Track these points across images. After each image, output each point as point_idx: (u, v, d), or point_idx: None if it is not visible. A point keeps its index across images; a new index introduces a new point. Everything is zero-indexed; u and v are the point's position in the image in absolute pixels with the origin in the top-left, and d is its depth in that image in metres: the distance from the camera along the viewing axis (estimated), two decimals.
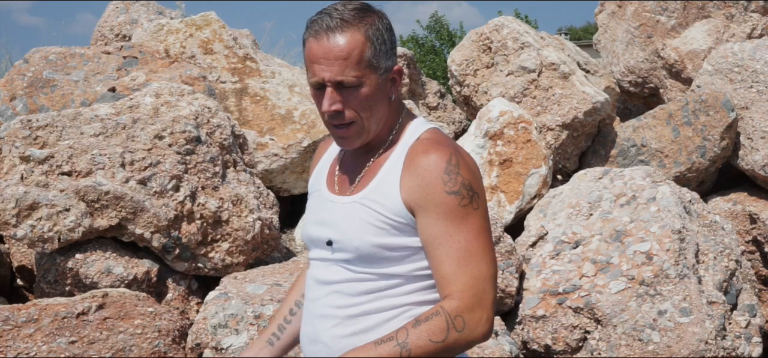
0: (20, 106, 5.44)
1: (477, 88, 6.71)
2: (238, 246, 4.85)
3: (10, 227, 4.50)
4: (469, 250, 2.23)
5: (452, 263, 2.22)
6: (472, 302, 2.21)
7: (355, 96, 2.30)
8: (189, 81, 5.58)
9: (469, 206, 2.25)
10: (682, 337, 4.71)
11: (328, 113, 2.31)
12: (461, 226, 2.24)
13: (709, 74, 6.39)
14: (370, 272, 2.32)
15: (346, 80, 2.28)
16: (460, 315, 2.19)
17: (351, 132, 2.34)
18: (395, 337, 2.20)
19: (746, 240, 6.11)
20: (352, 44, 2.28)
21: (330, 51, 2.27)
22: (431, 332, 2.19)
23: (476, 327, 2.21)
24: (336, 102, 2.30)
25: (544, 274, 5.08)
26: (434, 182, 2.25)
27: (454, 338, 2.19)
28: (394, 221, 2.29)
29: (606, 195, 5.37)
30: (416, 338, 2.18)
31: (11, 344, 4.04)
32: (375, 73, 2.32)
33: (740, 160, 6.28)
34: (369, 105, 2.32)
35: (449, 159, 2.27)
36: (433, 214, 2.24)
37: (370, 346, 2.21)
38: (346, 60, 2.27)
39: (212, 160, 4.86)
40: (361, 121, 2.33)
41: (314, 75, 2.30)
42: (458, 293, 2.21)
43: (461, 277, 2.22)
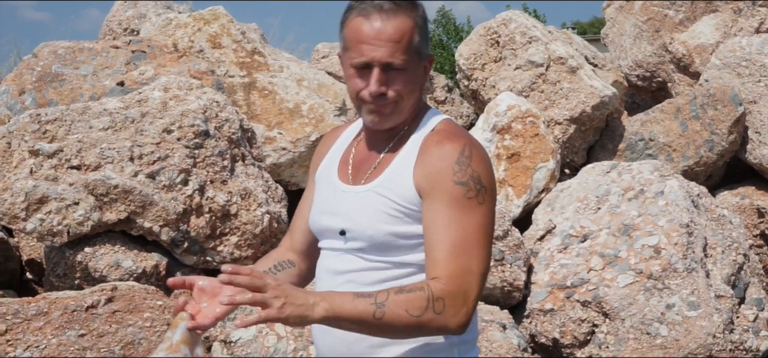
0: (29, 101, 5.45)
1: (485, 83, 6.71)
2: (246, 240, 4.86)
3: (19, 220, 4.52)
4: (465, 242, 2.23)
5: (445, 249, 2.22)
6: (457, 291, 2.20)
7: (399, 80, 2.32)
8: (197, 75, 5.59)
9: (474, 199, 2.25)
10: (690, 330, 4.71)
11: (374, 94, 2.31)
12: (462, 217, 2.24)
13: (717, 68, 6.38)
14: (383, 260, 2.33)
15: (395, 63, 2.30)
16: (443, 299, 2.18)
17: (389, 110, 2.34)
18: (375, 296, 2.18)
19: (754, 234, 6.11)
20: (403, 28, 2.30)
21: (382, 32, 2.29)
22: (410, 303, 2.17)
23: (454, 316, 2.20)
24: (383, 84, 2.31)
25: (551, 268, 5.09)
26: (444, 171, 2.26)
27: (429, 317, 2.18)
28: (407, 209, 2.30)
29: (614, 189, 5.37)
30: (393, 305, 2.16)
31: (21, 337, 4.05)
32: (417, 60, 2.35)
33: (748, 154, 6.27)
34: (410, 89, 2.35)
35: (463, 150, 2.28)
36: (437, 200, 2.25)
37: (349, 295, 2.18)
38: (397, 43, 2.29)
39: (221, 154, 4.87)
40: (401, 103, 2.34)
41: (361, 55, 2.30)
42: (445, 278, 2.20)
43: (451, 265, 2.21)
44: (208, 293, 2.32)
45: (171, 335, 2.26)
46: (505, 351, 4.57)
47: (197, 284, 2.33)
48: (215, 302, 2.29)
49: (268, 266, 2.59)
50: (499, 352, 4.56)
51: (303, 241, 2.63)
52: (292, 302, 2.11)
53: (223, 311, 2.28)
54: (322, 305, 2.14)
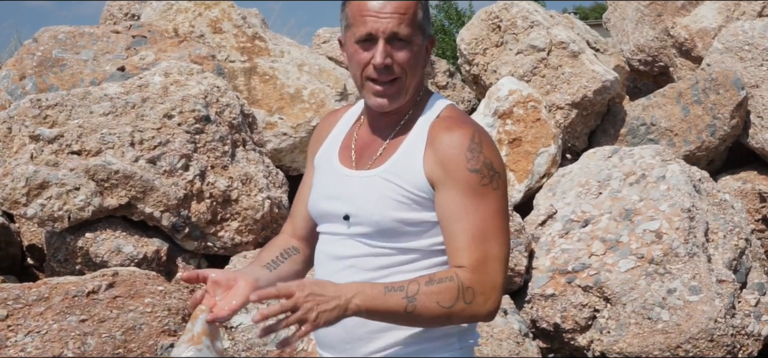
0: (30, 86, 5.45)
1: (486, 67, 6.70)
2: (247, 225, 4.86)
3: (20, 205, 4.52)
4: (485, 229, 2.24)
5: (467, 238, 2.23)
6: (485, 278, 2.21)
7: (403, 53, 2.32)
8: (198, 60, 5.58)
9: (489, 185, 2.26)
10: (692, 315, 4.71)
11: (380, 66, 2.30)
12: (479, 204, 2.24)
13: (719, 52, 6.37)
14: (388, 246, 2.32)
15: (401, 33, 2.30)
16: (472, 287, 2.20)
17: (394, 89, 2.34)
18: (406, 288, 2.19)
19: (756, 219, 6.10)
20: (408, 2, 2.32)
21: (387, 5, 2.30)
22: (441, 295, 2.19)
23: (484, 304, 2.22)
24: (388, 55, 2.30)
25: (553, 253, 5.08)
26: (457, 159, 2.25)
27: (460, 307, 2.20)
28: (415, 196, 2.29)
29: (615, 174, 5.37)
30: (425, 298, 2.18)
31: (22, 323, 4.06)
32: (421, 37, 2.36)
33: (750, 138, 6.26)
34: (413, 66, 2.35)
35: (473, 137, 2.28)
36: (453, 189, 2.25)
37: (380, 288, 2.20)
38: (403, 15, 2.30)
39: (221, 140, 4.87)
40: (405, 80, 2.34)
41: (365, 27, 2.30)
42: (471, 267, 2.21)
43: (475, 252, 2.22)
44: (222, 285, 2.33)
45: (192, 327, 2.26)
46: (506, 336, 4.57)
47: (210, 277, 2.34)
48: (230, 294, 2.32)
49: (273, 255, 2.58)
50: (501, 337, 4.56)
51: (305, 226, 2.62)
52: (325, 308, 2.14)
53: (239, 303, 2.30)
54: (355, 301, 2.17)
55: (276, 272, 2.54)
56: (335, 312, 2.15)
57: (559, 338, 5.01)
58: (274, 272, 2.54)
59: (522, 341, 4.63)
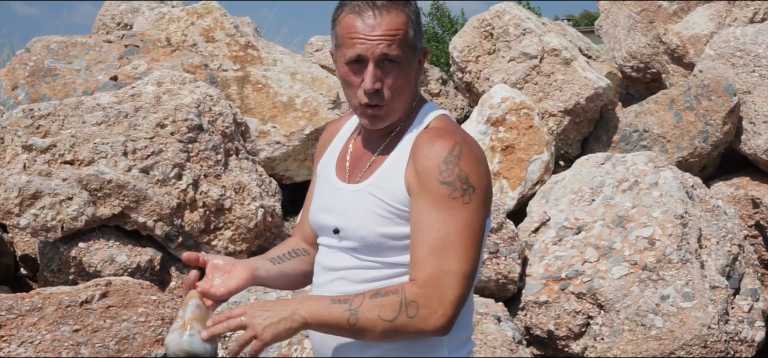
0: (22, 95, 5.44)
1: (479, 75, 6.71)
2: (240, 234, 4.86)
3: (13, 216, 4.51)
4: (446, 243, 2.20)
5: (425, 249, 2.20)
6: (432, 293, 2.18)
7: (393, 75, 2.30)
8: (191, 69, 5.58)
9: (459, 199, 2.22)
10: (685, 322, 4.71)
11: (369, 91, 2.29)
12: (446, 217, 2.21)
13: (712, 59, 6.38)
14: (375, 260, 2.32)
15: (391, 54, 2.28)
16: (415, 302, 2.17)
17: (383, 112, 2.33)
18: (350, 301, 2.20)
19: (749, 224, 6.11)
20: (398, 22, 2.29)
21: (376, 27, 2.27)
22: (383, 308, 2.18)
23: (428, 318, 2.18)
24: (378, 79, 2.29)
25: (546, 260, 5.09)
26: (431, 170, 2.23)
27: (402, 322, 2.18)
28: (397, 210, 2.29)
29: (608, 181, 5.37)
30: (367, 310, 2.18)
31: (15, 333, 4.05)
32: (412, 54, 2.33)
33: (742, 144, 6.27)
34: (405, 84, 2.33)
35: (452, 149, 2.25)
36: (422, 200, 2.23)
37: (326, 300, 2.23)
38: (393, 37, 2.28)
39: (214, 148, 4.86)
40: (394, 102, 2.32)
41: (353, 49, 2.28)
42: (421, 281, 2.19)
43: (429, 266, 2.19)
44: (221, 269, 2.40)
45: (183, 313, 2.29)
46: (500, 343, 4.57)
47: (211, 261, 2.41)
48: (229, 277, 2.38)
49: (282, 252, 2.62)
50: (494, 344, 4.56)
51: (312, 234, 2.63)
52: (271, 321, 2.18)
53: (237, 284, 2.38)
54: (300, 312, 2.20)
55: (279, 266, 2.57)
56: (282, 325, 2.19)
57: (553, 345, 5.01)
58: (277, 267, 2.56)
59: (516, 349, 4.63)
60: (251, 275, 2.43)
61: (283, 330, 2.19)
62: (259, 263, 2.51)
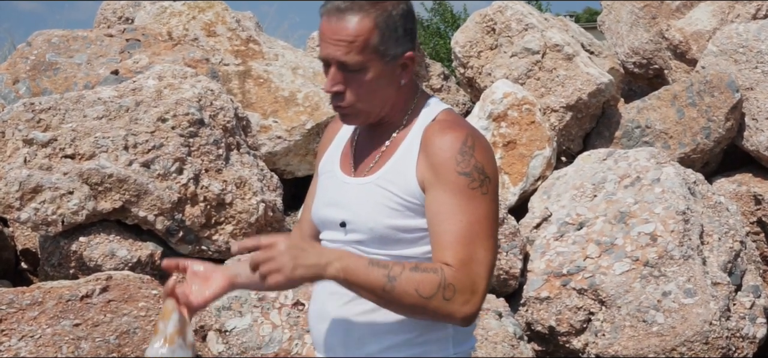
0: (23, 89, 5.44)
1: (481, 70, 6.70)
2: (241, 228, 4.85)
3: (13, 210, 4.50)
4: (472, 232, 2.20)
5: (453, 238, 2.20)
6: (467, 280, 2.17)
7: (357, 80, 2.30)
8: (192, 63, 5.57)
9: (478, 189, 2.23)
10: (687, 318, 4.71)
11: (327, 92, 2.33)
12: (467, 207, 2.21)
13: (714, 55, 6.37)
14: (383, 253, 2.30)
15: (348, 63, 2.27)
16: (454, 285, 2.16)
17: (349, 112, 2.34)
18: (390, 267, 2.17)
19: (751, 221, 6.11)
20: (358, 29, 2.27)
21: (336, 32, 2.27)
22: (422, 283, 2.16)
23: (462, 306, 2.17)
24: (337, 83, 2.30)
25: (548, 255, 5.08)
26: (447, 162, 2.23)
27: (437, 303, 2.16)
28: (408, 202, 2.29)
29: (610, 176, 5.37)
30: (405, 281, 2.15)
31: (16, 327, 4.04)
32: (381, 60, 2.30)
33: (745, 141, 6.26)
34: (371, 89, 2.31)
35: (465, 140, 2.25)
36: (441, 191, 2.23)
37: (364, 260, 2.19)
38: (351, 44, 2.26)
39: (216, 143, 4.86)
40: (359, 105, 2.32)
41: (321, 49, 2.31)
42: (456, 266, 2.18)
43: (460, 252, 2.19)
44: (200, 276, 2.39)
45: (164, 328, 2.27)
46: (501, 339, 4.56)
47: (191, 267, 2.40)
48: (206, 286, 2.37)
49: None
50: (495, 340, 4.55)
51: (312, 232, 2.62)
52: (302, 262, 2.13)
53: (213, 294, 2.37)
54: (336, 265, 2.16)
55: None
56: (313, 270, 2.15)
57: (554, 341, 5.01)
58: None
59: (517, 344, 4.63)
60: (229, 282, 2.42)
61: (311, 275, 2.15)
62: (239, 268, 2.50)
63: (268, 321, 4.30)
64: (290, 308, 4.31)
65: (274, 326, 4.28)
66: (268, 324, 4.30)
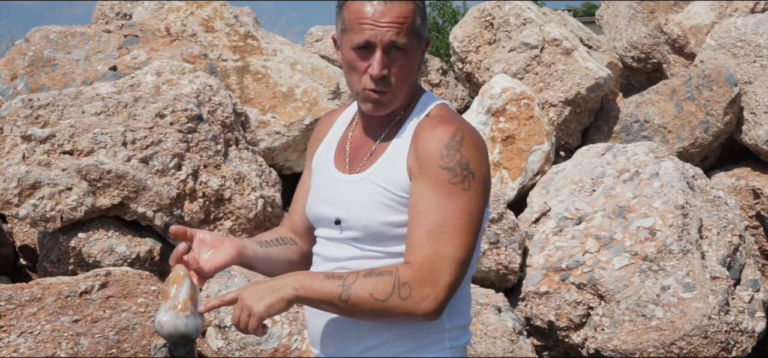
0: (21, 86, 5.43)
1: (479, 65, 6.69)
2: (240, 224, 4.85)
3: (12, 206, 4.50)
4: (443, 227, 2.21)
5: (422, 233, 2.21)
6: (426, 277, 2.18)
7: (399, 62, 2.30)
8: (190, 59, 5.56)
9: (459, 184, 2.22)
10: (686, 312, 4.71)
11: (377, 77, 2.29)
12: (444, 202, 2.21)
13: (713, 49, 6.37)
14: (378, 250, 2.31)
15: (399, 42, 2.28)
16: (409, 284, 2.18)
17: (387, 98, 2.33)
18: (344, 278, 2.21)
19: (750, 215, 6.11)
20: (407, 10, 2.29)
21: (385, 13, 2.27)
22: (376, 288, 2.18)
23: (421, 302, 2.18)
24: (385, 66, 2.29)
25: (547, 250, 5.08)
26: (432, 155, 2.23)
27: (394, 303, 2.18)
28: (399, 197, 2.29)
29: (609, 171, 5.37)
30: (360, 289, 2.19)
31: (15, 323, 4.04)
32: (418, 43, 2.34)
33: (743, 135, 6.26)
34: (409, 73, 2.33)
35: (454, 135, 2.25)
36: (421, 184, 2.24)
37: (320, 276, 2.25)
38: (402, 24, 2.28)
39: (214, 139, 4.86)
40: (399, 89, 2.33)
41: (362, 34, 2.28)
42: (416, 264, 2.19)
43: (424, 249, 2.20)
44: (208, 244, 2.41)
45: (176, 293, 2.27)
46: (500, 334, 4.57)
47: (198, 235, 2.42)
48: (216, 253, 2.40)
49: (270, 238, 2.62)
50: (495, 335, 4.55)
51: (302, 225, 2.63)
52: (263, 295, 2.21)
53: (223, 261, 2.40)
54: (292, 284, 2.22)
55: (266, 250, 2.57)
56: (274, 296, 2.21)
57: (554, 336, 5.01)
58: (264, 250, 2.56)
59: (516, 339, 4.63)
60: (238, 252, 2.43)
61: (275, 301, 2.21)
62: (246, 242, 2.52)
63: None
64: None
65: (273, 322, 4.28)
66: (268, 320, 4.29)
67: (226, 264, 2.39)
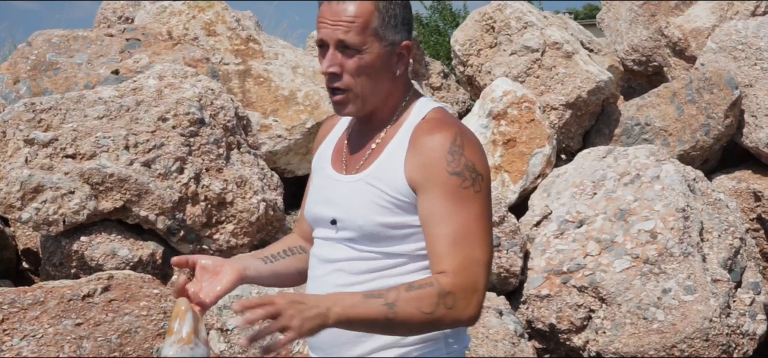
0: (24, 89, 5.44)
1: (480, 68, 6.70)
2: (242, 228, 4.86)
3: (15, 210, 4.51)
4: (467, 232, 2.22)
5: (448, 242, 2.21)
6: (466, 283, 2.20)
7: (355, 62, 2.30)
8: (192, 63, 5.57)
9: (470, 188, 2.24)
10: (687, 315, 4.72)
11: (324, 73, 2.32)
12: (461, 207, 2.23)
13: (713, 52, 6.38)
14: (373, 250, 2.31)
15: (347, 40, 2.28)
16: (453, 293, 2.18)
17: (343, 97, 2.34)
18: (385, 296, 2.18)
19: (750, 218, 6.12)
20: (359, 10, 2.29)
21: (337, 12, 2.29)
22: (421, 301, 2.17)
23: (466, 309, 2.20)
24: (334, 64, 2.30)
25: (548, 253, 5.09)
26: (437, 162, 2.24)
27: (442, 313, 2.18)
28: (397, 200, 2.29)
29: (610, 174, 5.37)
30: (405, 303, 2.17)
31: (18, 327, 4.05)
32: (379, 44, 2.32)
33: (744, 138, 6.27)
34: (368, 73, 2.32)
35: (454, 139, 2.26)
36: (433, 193, 2.24)
37: (359, 296, 2.19)
38: (351, 23, 2.28)
39: (216, 142, 4.86)
40: (356, 89, 2.32)
41: (319, 33, 2.32)
42: (452, 271, 2.19)
43: (456, 257, 2.20)
44: (209, 271, 2.37)
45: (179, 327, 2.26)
46: (501, 337, 4.57)
47: (199, 262, 2.38)
48: (215, 281, 2.35)
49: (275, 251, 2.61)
50: (496, 338, 4.56)
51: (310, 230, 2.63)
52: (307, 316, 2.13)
53: (224, 289, 2.35)
54: (335, 310, 2.15)
55: (271, 265, 2.56)
56: (317, 320, 2.13)
57: (555, 339, 5.02)
58: (269, 266, 2.55)
59: (517, 342, 4.63)
60: (239, 276, 2.40)
61: (317, 326, 2.14)
62: (248, 262, 2.49)
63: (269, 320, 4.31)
64: None
65: None
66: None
67: (226, 291, 2.36)
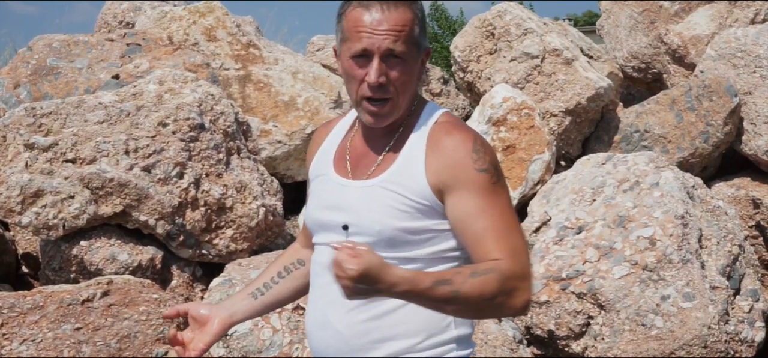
0: (24, 94, 5.45)
1: (480, 75, 6.71)
2: (242, 233, 4.86)
3: (15, 214, 4.52)
4: (506, 223, 2.26)
5: (492, 234, 2.24)
6: (523, 269, 2.23)
7: (398, 70, 2.31)
8: (192, 68, 5.58)
9: (498, 183, 2.28)
10: (685, 322, 4.72)
11: (374, 85, 2.30)
12: (495, 202, 2.26)
13: (713, 59, 6.38)
14: (389, 255, 2.27)
15: (396, 50, 2.29)
16: (512, 279, 2.21)
17: (386, 109, 2.34)
18: (451, 281, 2.18)
19: (749, 225, 6.12)
20: (405, 19, 2.30)
21: (383, 21, 2.29)
22: (485, 286, 2.19)
23: (522, 293, 2.23)
24: (383, 74, 2.30)
25: (547, 260, 5.09)
26: (464, 161, 2.27)
27: (500, 300, 2.20)
28: (418, 204, 2.29)
29: (609, 181, 5.38)
30: (470, 288, 2.18)
31: (17, 331, 4.06)
32: (417, 51, 2.35)
33: (743, 145, 6.28)
34: (406, 82, 2.34)
35: (475, 139, 2.30)
36: (464, 192, 2.26)
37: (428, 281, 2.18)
38: (399, 33, 2.29)
39: (216, 147, 4.87)
40: (399, 98, 2.33)
41: (360, 42, 2.29)
42: (507, 259, 2.22)
43: (504, 246, 2.23)
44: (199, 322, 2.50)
45: None
46: (500, 343, 4.58)
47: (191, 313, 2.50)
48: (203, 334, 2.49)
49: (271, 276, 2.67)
50: (495, 344, 4.56)
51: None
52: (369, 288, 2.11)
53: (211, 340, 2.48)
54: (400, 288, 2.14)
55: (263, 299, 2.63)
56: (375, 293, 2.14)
57: (554, 345, 5.02)
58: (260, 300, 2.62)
59: (516, 348, 4.64)
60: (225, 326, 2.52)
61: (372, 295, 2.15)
62: (237, 306, 2.59)
63: (268, 325, 4.32)
64: (291, 312, 4.32)
65: (274, 330, 4.29)
66: (269, 328, 4.31)
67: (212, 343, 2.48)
